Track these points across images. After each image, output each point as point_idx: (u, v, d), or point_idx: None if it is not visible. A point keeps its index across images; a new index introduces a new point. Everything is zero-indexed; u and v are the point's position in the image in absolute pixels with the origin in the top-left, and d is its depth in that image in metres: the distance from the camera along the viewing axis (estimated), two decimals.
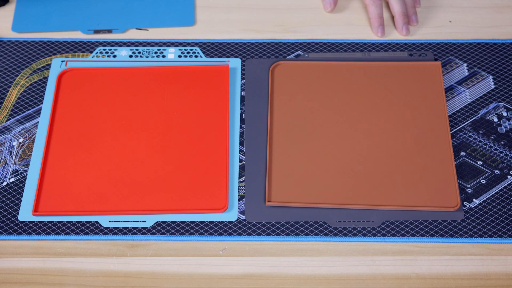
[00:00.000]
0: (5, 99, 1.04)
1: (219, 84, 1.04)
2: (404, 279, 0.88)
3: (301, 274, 0.88)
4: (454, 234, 0.91)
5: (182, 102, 1.02)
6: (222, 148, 0.98)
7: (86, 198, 0.93)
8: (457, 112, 1.03)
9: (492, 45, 1.10)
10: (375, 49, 1.09)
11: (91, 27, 1.12)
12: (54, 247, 0.90)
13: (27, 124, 1.01)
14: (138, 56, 1.08)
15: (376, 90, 1.03)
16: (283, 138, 0.99)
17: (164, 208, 0.93)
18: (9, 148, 0.99)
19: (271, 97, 1.03)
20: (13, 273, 0.88)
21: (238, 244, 0.91)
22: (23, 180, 0.96)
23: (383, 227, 0.92)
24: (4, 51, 1.09)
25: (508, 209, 0.93)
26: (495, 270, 0.88)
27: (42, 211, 0.92)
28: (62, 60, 1.08)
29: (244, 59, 1.08)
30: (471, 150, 0.99)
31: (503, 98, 1.04)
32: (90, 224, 0.92)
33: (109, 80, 1.05)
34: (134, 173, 0.95)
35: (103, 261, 0.89)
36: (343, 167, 0.96)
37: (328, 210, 0.93)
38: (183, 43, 1.10)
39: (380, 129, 0.99)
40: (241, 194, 0.95)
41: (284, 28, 1.12)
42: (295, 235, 0.91)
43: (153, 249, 0.90)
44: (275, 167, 0.96)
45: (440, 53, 1.09)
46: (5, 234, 0.91)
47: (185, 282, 0.88)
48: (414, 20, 1.12)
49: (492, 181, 0.96)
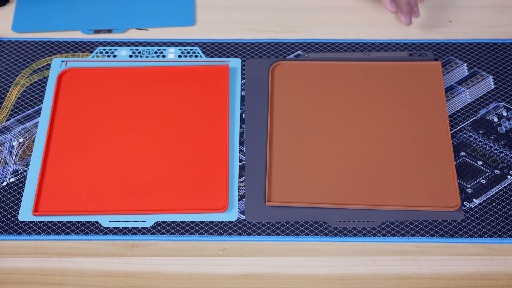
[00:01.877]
0: (5, 99, 1.04)
1: (219, 84, 1.04)
2: (404, 279, 0.88)
3: (301, 274, 0.88)
4: (454, 234, 0.91)
5: (182, 102, 1.02)
6: (222, 148, 0.98)
7: (86, 198, 0.93)
8: (457, 112, 1.03)
9: (492, 45, 1.10)
10: (375, 49, 1.09)
11: (91, 27, 1.12)
12: (54, 247, 0.90)
13: (27, 124, 1.01)
14: (138, 56, 1.08)
15: (376, 90, 1.03)
16: (283, 138, 0.99)
17: (164, 208, 0.93)
18: (9, 148, 0.99)
19: (271, 97, 1.03)
20: (13, 273, 0.88)
21: (238, 244, 0.91)
22: (23, 180, 0.96)
23: (383, 227, 0.92)
24: (4, 51, 1.09)
25: (508, 209, 0.93)
26: (495, 270, 0.88)
27: (42, 211, 0.92)
28: (62, 60, 1.08)
29: (244, 59, 1.08)
30: (471, 150, 0.99)
31: (503, 98, 1.04)
32: (90, 224, 0.92)
33: (109, 80, 1.05)
34: (134, 173, 0.95)
35: (103, 261, 0.89)
36: (343, 167, 0.96)
37: (328, 210, 0.93)
38: (183, 43, 1.10)
39: (380, 129, 0.99)
40: (241, 194, 0.95)
41: (284, 28, 1.12)
42: (295, 235, 0.91)
43: (153, 249, 0.90)
44: (275, 167, 0.96)
45: (440, 53, 1.09)
46: (5, 234, 0.91)
47: (185, 282, 0.88)
48: (416, 11, 1.11)
49: (492, 181, 0.96)
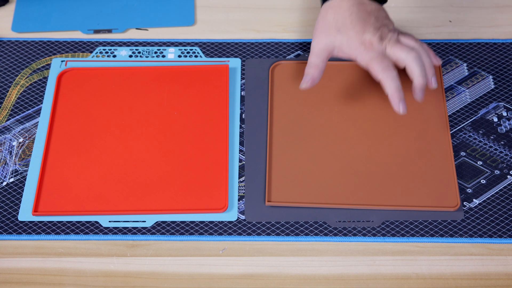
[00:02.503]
0: (5, 99, 1.04)
1: (219, 84, 1.04)
2: (404, 279, 0.88)
3: (301, 274, 0.88)
4: (454, 234, 0.91)
5: (182, 102, 1.02)
6: (222, 148, 0.98)
7: (86, 198, 0.93)
8: (457, 112, 1.03)
9: (492, 45, 1.10)
10: None
11: (91, 27, 1.12)
12: (54, 247, 0.90)
13: (27, 124, 1.01)
14: (138, 56, 1.08)
15: (376, 90, 1.03)
16: (283, 138, 0.99)
17: (164, 208, 0.93)
18: (9, 148, 0.99)
19: (271, 97, 1.03)
20: (13, 273, 0.88)
21: (238, 244, 0.91)
22: (23, 180, 0.96)
23: (383, 227, 0.92)
24: (4, 51, 1.09)
25: (508, 209, 0.93)
26: (495, 270, 0.88)
27: (42, 211, 0.92)
28: (62, 60, 1.08)
29: (244, 59, 1.08)
30: (471, 150, 0.99)
31: (503, 98, 1.04)
32: (90, 224, 0.92)
33: (109, 80, 1.05)
34: (134, 173, 0.95)
35: (103, 261, 0.89)
36: (343, 166, 0.96)
37: (328, 210, 0.93)
38: (183, 43, 1.10)
39: (380, 128, 0.99)
40: (241, 194, 0.95)
41: (284, 28, 1.12)
42: (295, 235, 0.91)
43: (153, 249, 0.90)
44: (275, 167, 0.96)
45: (440, 53, 1.09)
46: (5, 234, 0.91)
47: (185, 282, 0.88)
48: (433, 82, 0.96)
49: (492, 181, 0.96)
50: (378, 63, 0.94)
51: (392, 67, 0.94)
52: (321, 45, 0.97)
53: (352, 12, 0.96)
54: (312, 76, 0.97)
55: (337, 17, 0.96)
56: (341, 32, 0.96)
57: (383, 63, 0.94)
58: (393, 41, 0.95)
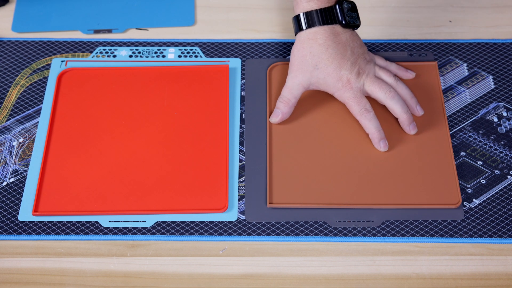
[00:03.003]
0: (5, 99, 1.04)
1: (219, 84, 1.04)
2: (404, 279, 0.88)
3: (301, 274, 0.88)
4: (454, 234, 0.91)
5: (182, 102, 1.02)
6: (222, 148, 0.98)
7: (86, 198, 0.93)
8: (457, 112, 1.03)
9: (492, 45, 1.10)
10: (375, 49, 1.09)
11: (91, 27, 1.12)
12: (54, 247, 0.90)
13: (27, 124, 1.01)
14: (138, 56, 1.08)
15: None
16: (283, 138, 0.99)
17: (164, 208, 0.93)
18: (9, 148, 0.99)
19: (269, 98, 1.03)
20: (13, 273, 0.88)
21: (238, 244, 0.91)
22: (23, 180, 0.96)
23: (383, 227, 0.92)
24: (4, 51, 1.09)
25: (508, 209, 0.93)
26: (495, 270, 0.88)
27: (42, 211, 0.92)
28: (62, 60, 1.08)
29: (244, 59, 1.08)
30: (471, 150, 0.99)
31: (503, 98, 1.04)
32: (90, 224, 0.92)
33: (109, 80, 1.05)
34: (134, 173, 0.95)
35: (103, 261, 0.89)
36: (343, 166, 0.96)
37: (328, 210, 0.93)
38: (183, 43, 1.10)
39: None
40: (241, 194, 0.95)
41: (284, 28, 1.12)
42: (295, 235, 0.91)
43: (153, 249, 0.90)
44: (276, 168, 0.96)
45: (440, 53, 1.09)
46: (5, 234, 0.91)
47: (185, 282, 0.88)
48: (419, 110, 1.00)
49: (492, 181, 0.96)
50: (356, 104, 0.97)
51: (369, 108, 0.97)
52: (296, 81, 0.99)
53: (328, 46, 0.96)
54: (282, 112, 0.99)
55: (314, 51, 0.97)
56: (318, 69, 0.97)
57: (361, 104, 0.97)
58: (370, 78, 0.98)
